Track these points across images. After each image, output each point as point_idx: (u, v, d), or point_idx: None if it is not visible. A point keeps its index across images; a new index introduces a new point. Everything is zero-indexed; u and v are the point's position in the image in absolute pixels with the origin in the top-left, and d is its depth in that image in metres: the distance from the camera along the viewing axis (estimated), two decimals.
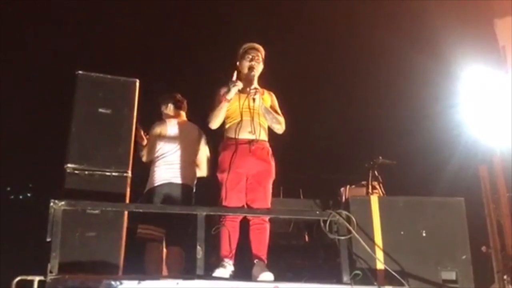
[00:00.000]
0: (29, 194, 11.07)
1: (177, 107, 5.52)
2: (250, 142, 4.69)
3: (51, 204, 4.09)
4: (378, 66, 8.80)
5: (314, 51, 9.37)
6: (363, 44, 8.75)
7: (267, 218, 4.66)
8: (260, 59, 4.96)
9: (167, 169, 5.15)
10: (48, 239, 4.04)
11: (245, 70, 4.92)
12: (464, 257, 4.50)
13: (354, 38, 8.75)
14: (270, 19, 9.25)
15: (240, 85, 4.78)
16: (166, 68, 9.59)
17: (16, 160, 9.53)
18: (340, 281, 4.29)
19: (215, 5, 9.05)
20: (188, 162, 5.27)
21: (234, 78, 4.82)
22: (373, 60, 8.82)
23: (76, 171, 4.47)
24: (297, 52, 9.59)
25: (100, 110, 4.63)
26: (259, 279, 4.34)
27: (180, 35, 9.50)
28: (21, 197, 11.03)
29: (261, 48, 5.01)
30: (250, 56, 4.92)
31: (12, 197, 10.94)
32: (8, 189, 10.88)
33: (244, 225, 4.64)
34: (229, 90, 4.74)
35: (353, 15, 8.51)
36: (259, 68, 4.94)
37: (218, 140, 4.91)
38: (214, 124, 4.80)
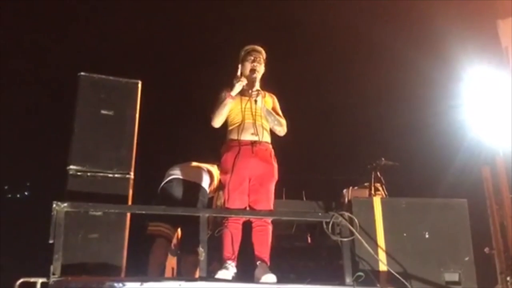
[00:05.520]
0: (26, 193, 11.08)
1: None
2: (252, 143, 4.68)
3: (54, 205, 4.09)
4: (380, 67, 8.80)
5: (316, 52, 9.38)
6: (365, 45, 8.75)
7: (269, 219, 4.66)
8: (262, 60, 4.95)
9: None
10: (51, 241, 4.04)
11: (247, 72, 4.91)
12: (467, 258, 4.49)
13: (356, 38, 8.75)
14: (272, 21, 9.25)
15: (244, 81, 4.78)
16: (169, 69, 9.60)
17: (14, 158, 9.54)
18: (342, 283, 4.27)
19: (218, 7, 9.05)
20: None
21: (239, 73, 4.81)
22: (376, 61, 8.82)
23: (78, 173, 4.46)
24: (299, 53, 9.60)
25: (103, 111, 4.63)
26: (261, 280, 4.33)
27: (183, 36, 9.51)
28: (18, 195, 11.04)
29: (262, 50, 5.00)
30: (252, 58, 4.91)
31: (10, 195, 10.95)
32: (6, 187, 10.89)
33: (247, 227, 4.64)
34: (233, 87, 4.74)
35: (355, 15, 8.51)
36: (260, 70, 4.93)
37: (221, 142, 4.90)
38: (217, 121, 4.77)
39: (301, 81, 9.41)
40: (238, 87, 4.75)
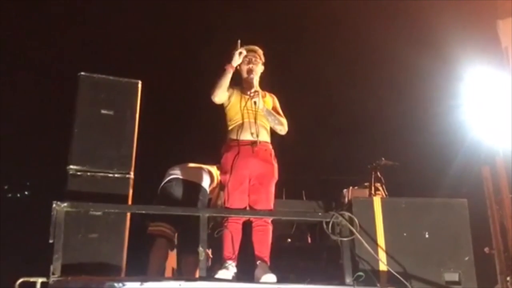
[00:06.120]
0: (26, 192, 11.08)
1: None
2: (252, 143, 4.68)
3: (54, 205, 4.08)
4: (380, 68, 8.80)
5: (317, 52, 9.38)
6: (365, 46, 8.75)
7: (269, 219, 4.66)
8: (259, 60, 4.94)
9: None
10: (51, 241, 4.03)
11: (244, 73, 4.90)
12: (467, 258, 4.49)
13: (356, 39, 8.75)
14: (273, 21, 9.25)
15: (244, 52, 4.76)
16: (169, 69, 9.60)
17: (14, 158, 9.54)
18: (342, 283, 4.27)
19: (219, 6, 9.05)
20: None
21: (239, 45, 4.77)
22: (376, 62, 8.82)
23: (78, 173, 4.47)
24: (299, 53, 9.60)
25: (103, 111, 4.63)
26: (261, 280, 4.33)
27: (183, 36, 9.51)
28: (19, 195, 11.05)
29: (259, 49, 4.97)
30: (248, 59, 4.89)
31: (10, 195, 10.96)
32: (6, 187, 10.90)
33: (247, 227, 4.64)
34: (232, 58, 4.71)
35: (355, 15, 8.51)
36: (258, 69, 4.92)
37: (221, 142, 4.89)
38: (217, 94, 4.70)
39: (302, 81, 9.41)
40: (236, 56, 4.71)
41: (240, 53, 4.73)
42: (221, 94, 4.74)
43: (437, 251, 4.49)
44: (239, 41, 4.80)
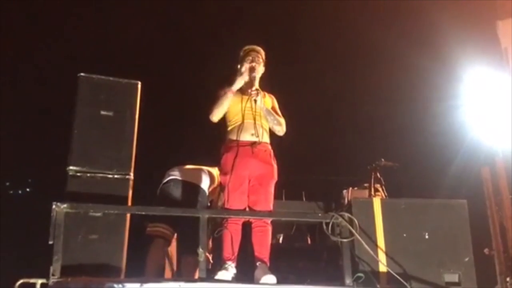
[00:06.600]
0: (28, 189, 11.09)
1: None
2: (252, 144, 4.68)
3: (53, 206, 4.08)
4: (380, 68, 8.80)
5: (316, 52, 9.38)
6: (365, 46, 8.75)
7: (269, 220, 4.65)
8: (261, 60, 4.95)
9: None
10: (51, 242, 4.03)
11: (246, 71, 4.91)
12: (467, 259, 4.49)
13: (356, 39, 8.75)
14: (272, 21, 9.25)
15: (247, 77, 4.78)
16: (169, 69, 9.60)
17: (16, 155, 9.55)
18: (342, 284, 4.27)
19: (218, 7, 9.05)
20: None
21: (243, 69, 4.83)
22: (375, 62, 8.82)
23: (78, 174, 4.46)
24: (299, 53, 9.59)
25: (102, 112, 4.62)
26: (261, 281, 4.33)
27: (183, 36, 9.51)
28: (20, 192, 11.06)
29: (261, 50, 4.99)
30: (251, 58, 4.90)
31: (12, 192, 10.97)
32: (8, 184, 10.90)
33: (247, 228, 4.64)
34: (234, 82, 4.76)
35: (355, 16, 8.51)
36: (259, 69, 4.92)
37: (221, 142, 4.89)
38: (216, 114, 4.76)
39: (301, 82, 9.41)
40: (239, 81, 4.76)
41: (243, 78, 4.79)
42: (220, 115, 4.78)
43: (437, 252, 4.49)
44: (239, 67, 4.84)
